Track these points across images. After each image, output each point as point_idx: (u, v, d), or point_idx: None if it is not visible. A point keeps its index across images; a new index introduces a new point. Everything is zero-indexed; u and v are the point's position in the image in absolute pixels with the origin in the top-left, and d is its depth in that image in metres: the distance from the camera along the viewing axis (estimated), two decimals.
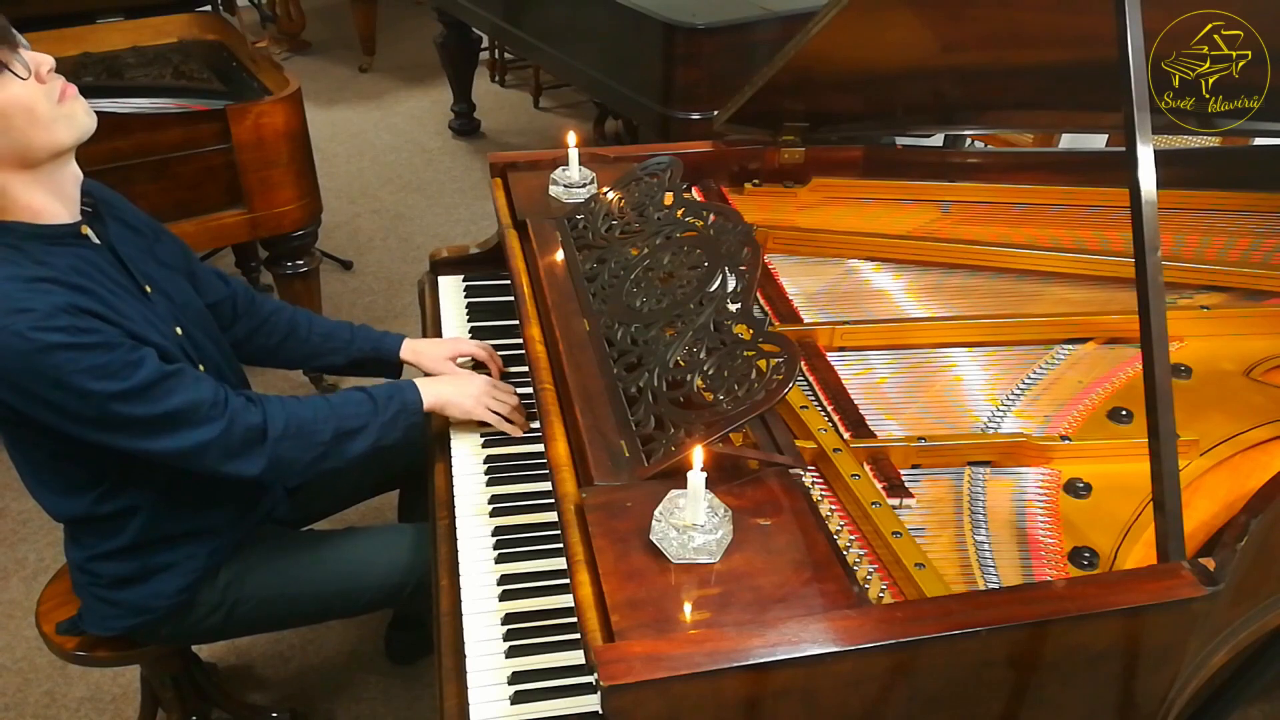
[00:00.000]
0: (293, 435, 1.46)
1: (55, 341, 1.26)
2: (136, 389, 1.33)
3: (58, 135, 1.31)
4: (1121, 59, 1.16)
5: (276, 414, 1.46)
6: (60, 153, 1.33)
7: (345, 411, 1.51)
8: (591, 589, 1.11)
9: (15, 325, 1.25)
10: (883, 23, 1.78)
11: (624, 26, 2.98)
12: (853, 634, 1.01)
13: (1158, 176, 1.15)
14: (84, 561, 1.56)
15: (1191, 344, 1.70)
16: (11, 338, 1.25)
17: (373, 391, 1.56)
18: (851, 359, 1.64)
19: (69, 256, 1.35)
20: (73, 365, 1.28)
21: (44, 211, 1.35)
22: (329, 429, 1.49)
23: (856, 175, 2.10)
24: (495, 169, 1.99)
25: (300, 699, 2.18)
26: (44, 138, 1.29)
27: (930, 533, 1.31)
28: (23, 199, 1.32)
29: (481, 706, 1.24)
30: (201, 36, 3.06)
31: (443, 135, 4.80)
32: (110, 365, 1.31)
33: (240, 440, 1.42)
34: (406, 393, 1.58)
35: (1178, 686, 1.20)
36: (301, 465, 1.49)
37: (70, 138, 1.33)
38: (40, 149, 1.30)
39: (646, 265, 1.56)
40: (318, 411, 1.49)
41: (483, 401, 1.62)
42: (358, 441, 1.53)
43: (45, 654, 2.17)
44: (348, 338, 1.82)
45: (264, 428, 1.44)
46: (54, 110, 1.29)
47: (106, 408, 1.32)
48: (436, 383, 1.63)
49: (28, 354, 1.26)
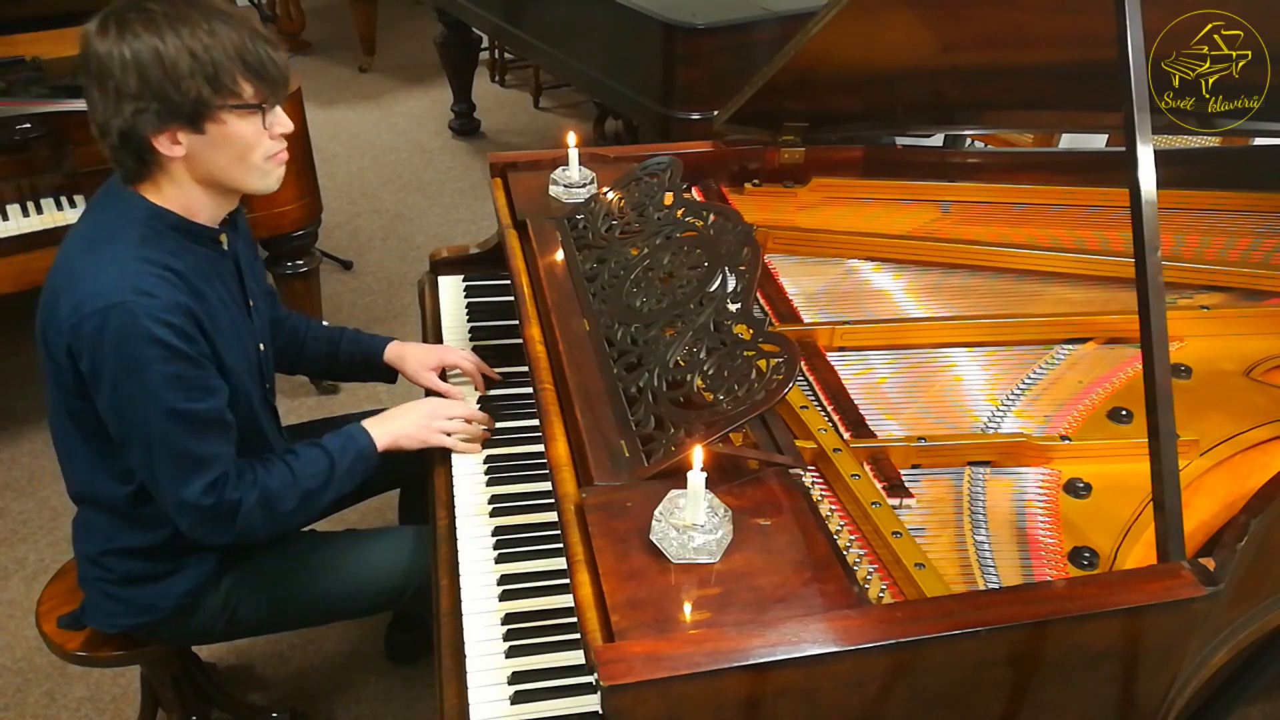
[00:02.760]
0: (262, 506, 1.46)
1: (160, 336, 1.31)
2: (193, 415, 1.37)
3: (249, 180, 1.41)
4: (1121, 59, 1.16)
5: (249, 491, 1.45)
6: (240, 192, 1.44)
7: (306, 473, 1.51)
8: (591, 589, 1.11)
9: (135, 305, 1.30)
10: (883, 23, 1.78)
11: (624, 26, 2.98)
12: (853, 634, 1.01)
13: (1158, 176, 1.15)
14: (99, 555, 1.56)
15: (1191, 344, 1.70)
16: (125, 314, 1.29)
17: (327, 445, 1.54)
18: (851, 359, 1.64)
19: (200, 257, 1.43)
20: (160, 364, 1.32)
21: (198, 214, 1.43)
22: (294, 496, 1.49)
23: (856, 175, 2.10)
24: (495, 169, 1.99)
25: (300, 699, 2.18)
26: (238, 174, 1.39)
27: (930, 533, 1.31)
28: (187, 198, 1.40)
29: (481, 706, 1.24)
30: None
31: (443, 135, 4.80)
32: (189, 380, 1.36)
33: (218, 514, 1.43)
34: (358, 440, 1.57)
35: (1178, 686, 1.20)
36: (263, 534, 1.50)
37: (255, 188, 1.43)
38: (228, 180, 1.40)
39: (646, 265, 1.56)
40: (283, 479, 1.49)
41: (433, 427, 1.60)
42: (318, 499, 1.53)
43: (45, 654, 2.17)
44: (337, 340, 1.84)
45: (238, 506, 1.44)
46: (262, 163, 1.40)
47: (158, 413, 1.34)
48: (384, 421, 1.61)
49: (131, 335, 1.30)
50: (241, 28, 1.30)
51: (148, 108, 1.28)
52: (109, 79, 1.28)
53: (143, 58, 1.26)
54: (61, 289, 1.35)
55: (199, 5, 1.29)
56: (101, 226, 1.39)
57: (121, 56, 1.26)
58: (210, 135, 1.33)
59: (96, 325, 1.30)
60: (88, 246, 1.37)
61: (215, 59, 1.28)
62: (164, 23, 1.26)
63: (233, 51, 1.29)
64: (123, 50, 1.26)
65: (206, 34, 1.27)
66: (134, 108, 1.28)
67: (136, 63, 1.26)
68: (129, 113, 1.29)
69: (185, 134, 1.32)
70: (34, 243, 2.47)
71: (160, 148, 1.33)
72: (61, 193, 2.51)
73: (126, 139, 1.32)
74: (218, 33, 1.28)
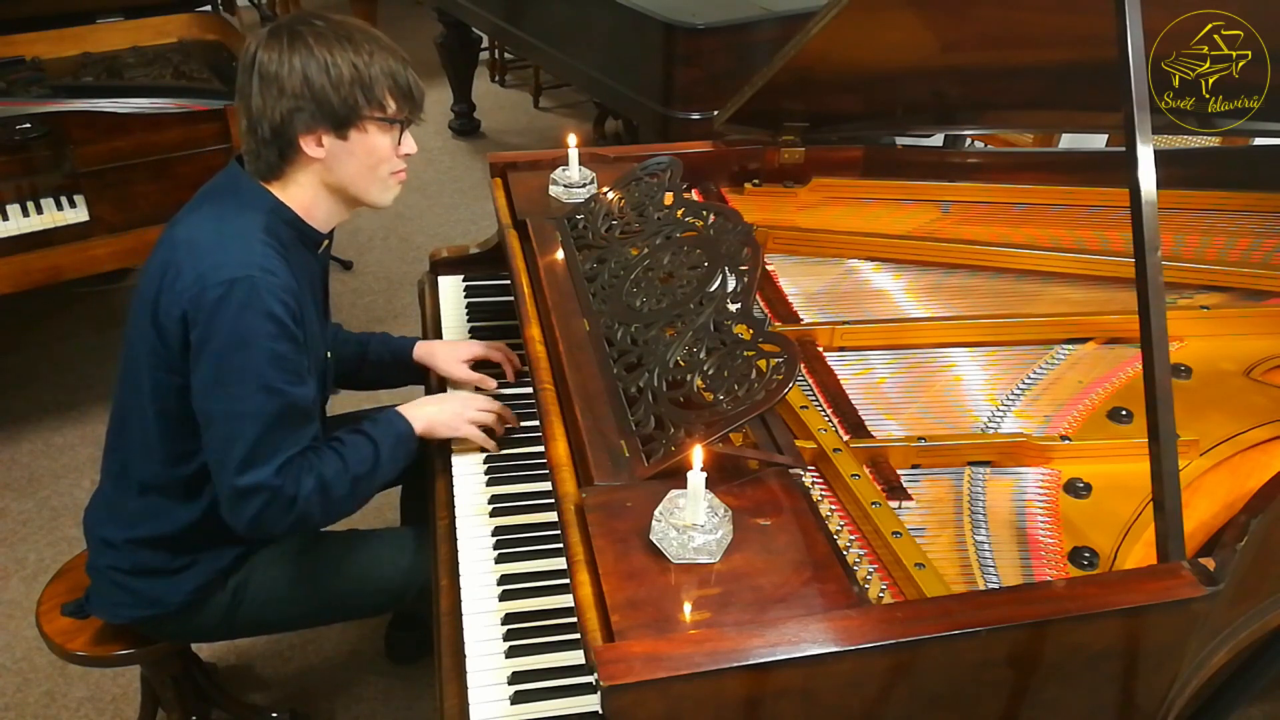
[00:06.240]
0: (319, 493, 1.46)
1: (276, 312, 1.39)
2: (286, 396, 1.42)
3: (371, 190, 1.52)
4: (1121, 59, 1.16)
5: (307, 476, 1.45)
6: (358, 202, 1.54)
7: (354, 458, 1.51)
8: (591, 589, 1.11)
9: (257, 280, 1.38)
10: (883, 23, 1.78)
11: (624, 26, 2.98)
12: (853, 634, 1.01)
13: (1158, 176, 1.15)
14: (120, 540, 1.57)
15: (1191, 344, 1.70)
16: (248, 286, 1.38)
17: (368, 431, 1.55)
18: (851, 359, 1.64)
19: (301, 257, 1.53)
20: (270, 340, 1.39)
21: (314, 217, 1.53)
22: (345, 482, 1.50)
23: (856, 175, 2.10)
24: (495, 169, 1.99)
25: (300, 699, 2.18)
26: (364, 184, 1.50)
27: (930, 533, 1.31)
28: (310, 200, 1.51)
29: (481, 706, 1.24)
30: (201, 36, 3.06)
31: (443, 135, 4.80)
32: (291, 362, 1.42)
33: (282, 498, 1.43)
34: (397, 425, 1.58)
35: (1178, 686, 1.20)
36: (319, 522, 1.51)
37: (375, 200, 1.54)
38: (355, 188, 1.51)
39: (646, 265, 1.56)
40: (335, 466, 1.49)
41: (464, 417, 1.62)
42: (367, 485, 1.54)
43: (45, 654, 2.17)
44: (365, 342, 1.86)
45: (297, 491, 1.44)
46: (387, 177, 1.52)
47: (256, 388, 1.39)
48: (420, 406, 1.63)
49: (250, 307, 1.37)
50: (395, 54, 1.47)
51: (304, 108, 1.41)
52: (272, 80, 1.40)
53: (310, 65, 1.40)
54: (185, 262, 1.42)
55: (361, 29, 1.46)
56: (225, 210, 1.48)
57: (290, 61, 1.40)
58: (351, 142, 1.45)
59: (220, 295, 1.37)
60: (214, 225, 1.46)
61: (372, 74, 1.43)
62: (332, 38, 1.41)
63: (387, 71, 1.44)
64: (292, 56, 1.40)
65: (367, 53, 1.43)
66: (291, 106, 1.41)
67: (304, 68, 1.40)
68: (285, 110, 1.41)
69: (330, 137, 1.44)
70: (34, 243, 2.47)
71: (305, 147, 1.44)
72: (61, 193, 2.51)
73: (277, 135, 1.43)
74: (375, 54, 1.44)
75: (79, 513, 1.76)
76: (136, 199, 2.57)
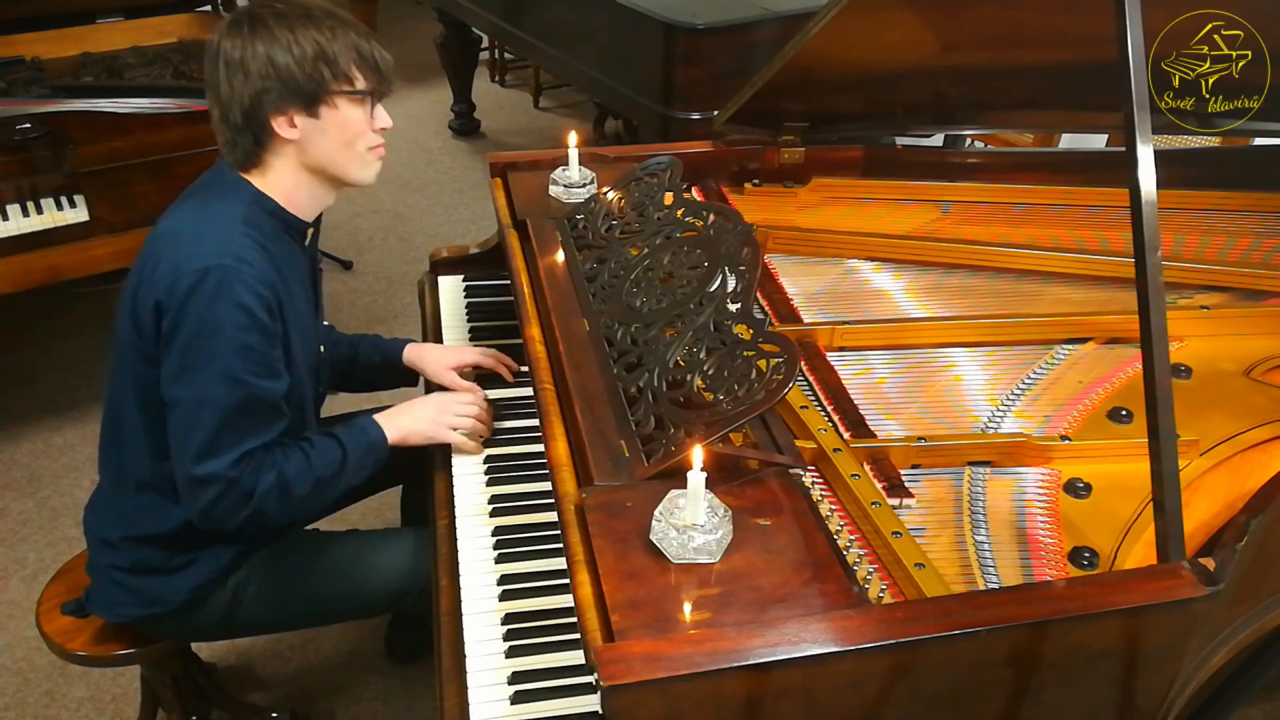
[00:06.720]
0: (278, 489, 1.46)
1: (247, 304, 1.39)
2: (251, 389, 1.41)
3: (350, 167, 1.52)
4: (1121, 59, 1.16)
5: (267, 472, 1.46)
6: (340, 182, 1.54)
7: (320, 460, 1.51)
8: (591, 589, 1.11)
9: (231, 269, 1.38)
10: (883, 23, 1.78)
11: (624, 26, 2.98)
12: (853, 634, 1.01)
13: (1158, 176, 1.15)
14: (119, 539, 1.57)
15: (1191, 344, 1.70)
16: (220, 275, 1.38)
17: (340, 435, 1.55)
18: (851, 359, 1.64)
19: (286, 248, 1.53)
20: (238, 330, 1.39)
21: (297, 204, 1.53)
22: (307, 482, 1.49)
23: (856, 175, 2.10)
24: (495, 169, 1.99)
25: (300, 699, 2.18)
26: (340, 161, 1.50)
27: (930, 533, 1.31)
28: (291, 186, 1.51)
29: (481, 706, 1.24)
30: (201, 36, 3.06)
31: (443, 135, 4.80)
32: (260, 354, 1.42)
33: (238, 491, 1.43)
34: (370, 432, 1.58)
35: (1178, 686, 1.20)
36: (274, 518, 1.50)
37: (356, 177, 1.54)
38: (334, 167, 1.51)
39: (646, 265, 1.56)
40: (299, 465, 1.49)
41: (442, 423, 1.61)
42: (330, 489, 1.54)
43: (45, 654, 2.17)
44: (356, 344, 1.85)
45: (255, 485, 1.44)
46: (364, 152, 1.51)
47: (219, 377, 1.39)
48: (395, 415, 1.61)
49: (220, 297, 1.37)
50: (357, 28, 1.47)
51: (272, 89, 1.41)
52: (238, 65, 1.41)
53: (274, 46, 1.40)
54: (163, 253, 1.42)
55: (321, 8, 1.46)
56: (207, 203, 1.49)
57: (253, 46, 1.40)
58: (323, 119, 1.45)
59: (192, 283, 1.37)
60: (194, 217, 1.47)
61: (335, 49, 1.43)
62: (293, 18, 1.42)
63: (350, 44, 1.45)
64: (254, 41, 1.40)
65: (329, 29, 1.44)
66: (259, 88, 1.41)
67: (267, 50, 1.40)
68: (253, 93, 1.41)
69: (301, 116, 1.44)
70: (34, 243, 2.47)
71: (279, 129, 1.44)
72: (61, 193, 2.51)
73: (249, 119, 1.44)
74: (337, 30, 1.45)
75: (79, 513, 1.76)
76: (136, 199, 2.56)
